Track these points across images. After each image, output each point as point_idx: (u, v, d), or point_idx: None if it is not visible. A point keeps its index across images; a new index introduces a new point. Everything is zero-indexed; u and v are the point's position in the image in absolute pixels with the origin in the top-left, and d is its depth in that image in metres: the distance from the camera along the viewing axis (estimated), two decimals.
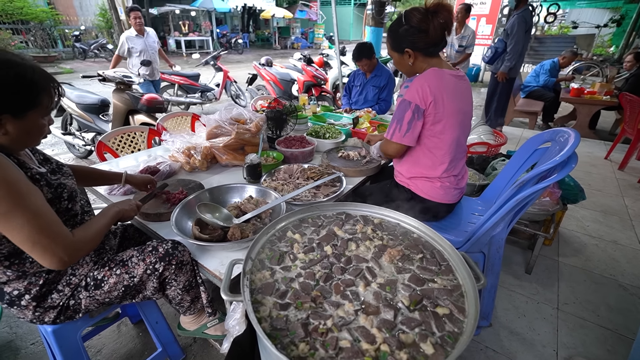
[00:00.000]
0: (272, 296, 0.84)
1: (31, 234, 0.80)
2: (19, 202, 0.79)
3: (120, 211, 1.07)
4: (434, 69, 1.36)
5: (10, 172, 0.81)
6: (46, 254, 0.82)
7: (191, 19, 16.37)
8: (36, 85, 0.86)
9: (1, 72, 0.80)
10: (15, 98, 0.83)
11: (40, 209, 0.83)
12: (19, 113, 0.85)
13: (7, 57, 0.83)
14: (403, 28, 1.34)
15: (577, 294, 1.92)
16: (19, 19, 11.20)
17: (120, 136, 2.31)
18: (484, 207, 1.72)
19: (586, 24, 13.39)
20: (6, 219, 0.78)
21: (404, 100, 1.37)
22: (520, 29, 3.87)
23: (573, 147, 1.09)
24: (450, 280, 0.91)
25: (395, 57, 1.44)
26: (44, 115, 0.92)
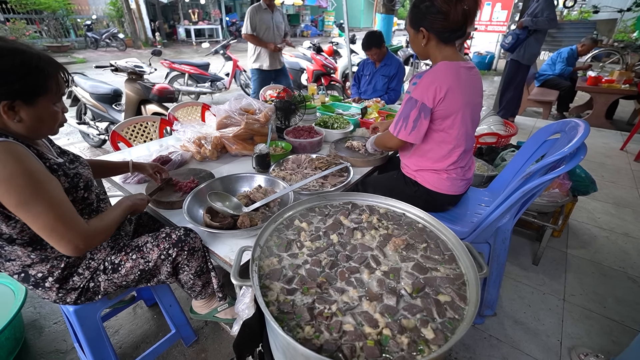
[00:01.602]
0: (280, 282, 0.88)
1: (49, 221, 0.84)
2: (38, 191, 0.83)
3: (132, 205, 1.12)
4: (444, 64, 1.32)
5: (30, 161, 0.85)
6: (62, 241, 0.87)
7: (200, 7, 16.26)
8: (43, 71, 0.89)
9: (7, 59, 0.83)
10: (23, 84, 0.86)
11: (57, 198, 0.87)
12: (29, 99, 0.88)
13: (13, 45, 0.86)
14: (425, 5, 1.28)
15: (584, 285, 1.92)
16: (33, 9, 11.32)
17: (133, 126, 2.36)
18: (490, 198, 1.72)
19: (608, 8, 12.76)
20: (27, 208, 0.82)
21: (410, 98, 1.35)
22: (553, 10, 3.81)
23: (582, 138, 1.08)
24: (453, 269, 0.93)
25: (411, 33, 1.40)
26: (55, 101, 0.95)
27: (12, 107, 0.87)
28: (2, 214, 0.87)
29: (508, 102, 4.50)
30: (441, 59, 1.36)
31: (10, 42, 0.87)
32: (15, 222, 0.90)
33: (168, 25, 15.74)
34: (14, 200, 0.81)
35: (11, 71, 0.84)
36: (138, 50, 12.50)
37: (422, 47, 1.38)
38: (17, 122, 0.89)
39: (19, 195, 0.81)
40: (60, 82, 0.95)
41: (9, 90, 0.85)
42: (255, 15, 3.65)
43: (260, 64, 3.90)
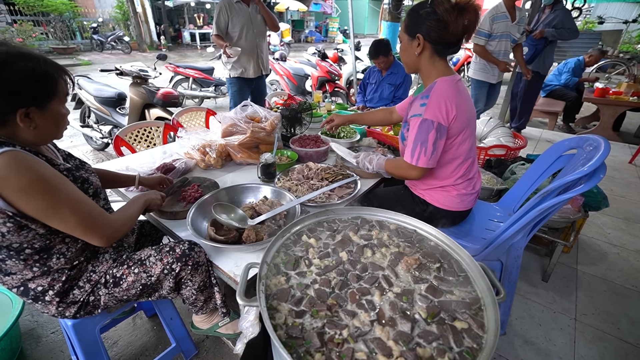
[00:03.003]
0: (288, 303, 0.84)
1: (80, 220, 0.89)
2: (60, 194, 0.85)
3: (148, 199, 1.17)
4: (443, 80, 1.28)
5: (43, 168, 0.85)
6: (96, 234, 0.92)
7: (206, 11, 16.40)
8: (51, 75, 0.89)
9: (19, 64, 0.83)
10: (37, 89, 0.87)
11: (79, 196, 0.90)
12: (43, 104, 0.89)
13: (19, 50, 0.85)
14: (425, 10, 1.21)
15: (596, 304, 1.86)
16: (40, 11, 11.43)
17: (136, 130, 2.34)
18: (502, 214, 1.67)
19: (613, 19, 12.79)
20: (54, 211, 0.85)
21: (425, 120, 1.24)
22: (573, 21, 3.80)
23: (602, 158, 1.05)
24: (469, 292, 0.88)
25: (405, 40, 1.31)
26: (63, 103, 0.96)
27: (27, 115, 0.86)
28: (16, 224, 0.85)
29: (521, 113, 4.43)
30: (435, 73, 1.31)
31: (13, 47, 0.85)
32: (28, 231, 0.88)
33: (173, 29, 15.87)
34: (42, 205, 0.83)
35: (25, 78, 0.83)
36: (143, 54, 12.59)
37: (413, 57, 1.30)
38: (32, 129, 0.88)
39: (44, 201, 0.83)
40: (66, 83, 0.96)
41: (25, 98, 0.84)
42: (226, 10, 3.00)
43: (242, 71, 3.26)
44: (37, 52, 0.89)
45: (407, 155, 1.32)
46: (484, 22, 3.36)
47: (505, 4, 3.33)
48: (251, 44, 3.17)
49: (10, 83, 0.81)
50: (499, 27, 3.37)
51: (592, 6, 14.50)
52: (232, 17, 3.02)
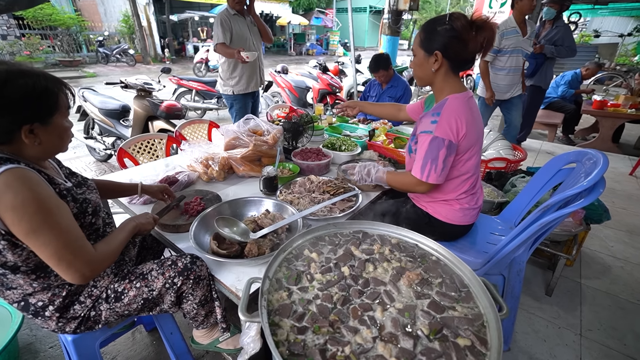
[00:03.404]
0: (290, 319, 0.83)
1: (57, 249, 0.83)
2: (48, 219, 0.82)
3: (137, 225, 1.10)
4: (455, 97, 1.28)
5: (42, 188, 0.84)
6: (70, 270, 0.86)
7: (209, 25, 16.75)
8: (51, 90, 0.90)
9: (19, 81, 0.83)
10: (39, 106, 0.87)
11: (67, 225, 0.86)
12: (46, 119, 0.89)
13: (18, 67, 0.86)
14: (443, 27, 1.19)
15: (601, 319, 1.84)
16: (48, 25, 11.70)
17: (140, 143, 2.37)
18: (503, 227, 1.67)
19: (609, 33, 13.02)
20: (35, 236, 0.81)
21: (436, 137, 1.25)
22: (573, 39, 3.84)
23: (601, 172, 1.06)
24: (471, 308, 0.88)
25: (420, 56, 1.30)
26: (66, 116, 0.96)
27: (32, 131, 0.87)
28: (10, 242, 0.85)
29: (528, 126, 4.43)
30: (448, 89, 1.32)
31: (12, 65, 0.86)
32: (21, 250, 0.88)
33: (177, 42, 16.17)
34: (25, 228, 0.80)
35: (26, 95, 0.84)
36: (147, 66, 12.80)
37: (429, 72, 1.30)
38: (37, 144, 0.89)
39: (30, 223, 0.80)
40: (67, 97, 0.96)
41: (28, 115, 0.85)
42: (227, 21, 2.91)
43: (246, 87, 3.17)
44: (36, 69, 0.91)
45: (416, 170, 1.32)
46: None
47: (515, 19, 3.24)
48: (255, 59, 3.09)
49: (12, 101, 0.82)
50: (510, 43, 3.26)
51: (587, 20, 14.78)
52: (232, 29, 2.94)
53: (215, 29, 2.92)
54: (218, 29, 2.88)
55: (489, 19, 1.19)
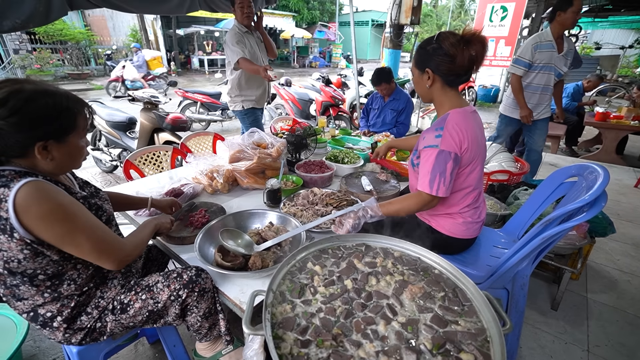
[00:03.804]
0: (293, 332, 0.84)
1: (95, 245, 0.93)
2: (77, 220, 0.89)
3: (158, 224, 1.22)
4: (456, 112, 1.31)
5: (62, 196, 0.89)
6: (110, 258, 0.97)
7: (214, 38, 17.13)
8: (71, 110, 0.94)
9: (41, 101, 0.88)
10: (56, 124, 0.91)
11: (94, 223, 0.94)
12: (61, 138, 0.93)
13: (44, 87, 0.91)
14: (431, 46, 1.28)
15: (609, 335, 1.81)
16: (59, 40, 12.03)
17: (145, 155, 2.41)
18: (507, 240, 1.67)
19: (610, 45, 13.13)
20: (71, 237, 0.88)
21: (442, 151, 1.26)
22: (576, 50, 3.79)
23: (602, 186, 1.07)
24: (474, 322, 0.88)
25: (416, 74, 1.39)
26: (82, 136, 1.00)
27: (45, 147, 0.90)
28: (33, 250, 0.88)
29: None
30: (448, 104, 1.35)
31: (39, 84, 0.91)
32: (42, 257, 0.92)
33: (183, 55, 16.53)
34: (58, 233, 0.87)
35: (45, 114, 0.88)
36: None
37: (426, 89, 1.37)
38: (49, 160, 0.92)
39: (62, 228, 0.87)
40: (86, 118, 1.00)
41: (44, 132, 0.89)
42: (242, 38, 2.83)
43: (256, 103, 3.12)
44: (62, 90, 0.95)
45: (423, 185, 1.30)
46: (524, 50, 2.92)
47: (552, 32, 2.85)
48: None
49: (32, 118, 0.86)
50: (542, 57, 2.88)
51: (588, 32, 14.93)
52: (246, 46, 2.85)
53: (231, 46, 2.77)
54: (235, 46, 2.75)
55: (477, 32, 1.23)
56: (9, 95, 0.85)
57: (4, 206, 0.83)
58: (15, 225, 0.83)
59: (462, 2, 30.58)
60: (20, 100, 0.85)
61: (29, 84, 0.90)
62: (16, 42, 11.11)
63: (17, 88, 0.86)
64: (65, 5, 2.36)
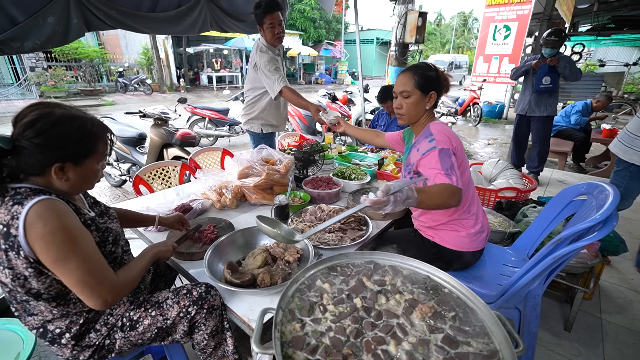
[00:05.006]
0: (303, 351, 0.83)
1: (82, 276, 0.88)
2: (74, 247, 0.87)
3: (157, 252, 1.16)
4: (435, 122, 1.50)
5: (70, 219, 0.89)
6: (93, 295, 0.90)
7: (223, 56, 17.61)
8: (95, 135, 0.97)
9: (67, 125, 0.91)
10: (77, 148, 0.94)
11: (91, 253, 0.91)
12: (79, 160, 0.95)
13: (72, 112, 0.95)
14: (434, 73, 1.46)
15: (625, 358, 1.75)
16: (73, 58, 12.47)
17: (155, 170, 2.45)
18: (516, 258, 1.65)
19: (614, 62, 13.22)
20: (63, 263, 0.86)
21: (442, 149, 1.34)
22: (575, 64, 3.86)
23: (612, 206, 1.06)
24: (486, 344, 0.87)
25: (417, 96, 1.46)
26: (99, 161, 1.02)
27: (62, 168, 0.93)
28: (36, 269, 0.89)
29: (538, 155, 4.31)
30: (429, 121, 1.52)
31: (68, 109, 0.95)
32: (45, 277, 0.91)
33: (192, 73, 16.98)
34: (52, 256, 0.85)
35: (69, 137, 0.91)
36: (163, 95, 13.38)
37: (423, 110, 1.50)
38: (64, 181, 0.94)
39: (57, 252, 0.85)
40: (107, 144, 1.02)
41: (65, 154, 0.92)
42: (278, 62, 2.53)
43: (278, 126, 2.90)
44: (89, 115, 0.98)
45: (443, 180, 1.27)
46: None
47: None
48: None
49: (55, 141, 0.89)
50: None
51: (591, 50, 15.06)
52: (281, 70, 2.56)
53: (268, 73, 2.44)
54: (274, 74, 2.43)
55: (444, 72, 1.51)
56: (38, 118, 0.88)
57: (15, 223, 0.84)
58: (22, 242, 0.84)
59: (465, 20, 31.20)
60: (48, 123, 0.88)
61: (59, 108, 0.94)
62: (33, 60, 11.54)
63: (47, 112, 0.90)
64: (83, 27, 2.46)
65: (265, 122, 2.80)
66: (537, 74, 3.88)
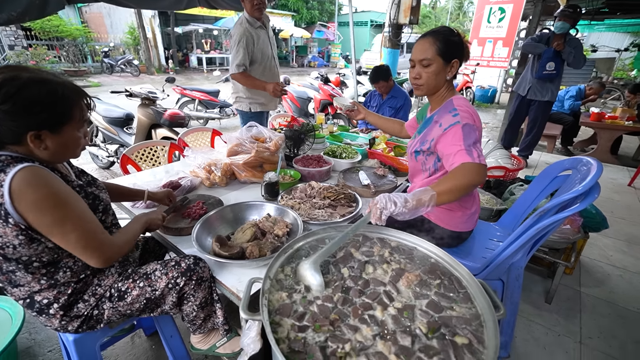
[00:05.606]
0: (290, 318, 0.85)
1: (82, 236, 0.90)
2: (69, 210, 0.87)
3: (149, 220, 1.18)
4: (458, 97, 1.38)
5: (58, 184, 0.88)
6: (95, 254, 0.93)
7: (213, 37, 17.09)
8: (68, 99, 0.91)
9: (35, 89, 0.86)
10: (50, 114, 0.89)
11: (86, 215, 0.92)
12: (55, 128, 0.91)
13: (41, 75, 0.89)
14: (457, 38, 1.32)
15: (601, 327, 1.83)
16: (55, 36, 11.94)
17: (142, 150, 2.41)
18: (502, 233, 1.69)
19: (605, 48, 13.27)
20: (59, 227, 0.87)
21: (466, 124, 1.24)
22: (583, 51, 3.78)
23: (595, 177, 1.08)
24: (469, 308, 0.90)
25: (439, 64, 1.32)
26: (79, 128, 0.97)
27: (38, 136, 0.89)
28: (28, 237, 0.88)
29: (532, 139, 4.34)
30: (450, 93, 1.42)
31: (36, 72, 0.89)
32: (38, 244, 0.91)
33: (181, 54, 16.48)
34: (48, 221, 0.85)
35: (38, 101, 0.86)
36: (151, 76, 12.99)
37: (443, 79, 1.37)
38: (43, 149, 0.91)
39: (53, 216, 0.85)
40: (83, 109, 0.97)
41: (37, 121, 0.87)
42: (250, 38, 2.49)
43: (266, 104, 2.84)
44: (61, 78, 0.93)
45: (463, 157, 1.17)
46: None
47: None
48: (274, 73, 2.76)
49: (24, 106, 0.84)
50: None
51: (584, 35, 15.06)
52: (255, 46, 2.54)
53: (235, 47, 2.47)
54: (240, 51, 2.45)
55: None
56: (3, 82, 0.83)
57: (0, 191, 0.82)
58: (10, 210, 0.82)
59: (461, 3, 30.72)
60: (14, 87, 0.83)
61: (26, 71, 0.88)
62: (11, 38, 11.02)
63: (13, 75, 0.85)
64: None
65: (253, 100, 2.75)
66: (542, 59, 3.77)
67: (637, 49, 12.74)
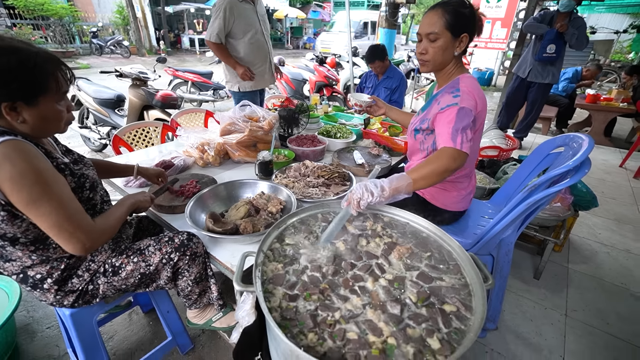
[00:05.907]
0: (282, 287, 0.86)
1: (58, 220, 0.85)
2: (47, 190, 0.83)
3: (135, 202, 1.13)
4: (467, 76, 1.31)
5: (39, 160, 0.85)
6: (71, 240, 0.87)
7: (205, 17, 16.55)
8: (42, 69, 0.86)
9: (4, 58, 0.81)
10: (21, 84, 0.84)
11: (66, 197, 0.87)
12: (30, 99, 0.86)
13: (10, 43, 0.84)
14: (469, 10, 1.22)
15: (586, 301, 1.90)
16: (40, 15, 11.49)
17: (135, 130, 2.37)
18: (494, 211, 1.71)
19: (604, 30, 13.11)
20: (36, 206, 0.82)
21: (463, 108, 1.20)
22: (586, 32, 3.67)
23: (587, 152, 1.09)
24: (458, 279, 0.92)
25: (447, 39, 1.24)
26: (57, 100, 0.92)
27: (14, 108, 0.85)
28: (10, 212, 0.86)
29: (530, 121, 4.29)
30: (459, 70, 1.34)
31: (7, 40, 0.84)
32: (21, 221, 0.89)
33: (173, 35, 15.99)
34: (25, 198, 0.81)
35: (8, 71, 0.81)
36: (142, 58, 12.65)
37: (451, 56, 1.29)
38: (20, 122, 0.87)
39: (30, 194, 0.81)
40: (60, 80, 0.91)
41: (8, 91, 0.83)
42: (231, 10, 2.46)
43: (255, 85, 2.81)
44: (36, 47, 0.88)
45: (445, 141, 1.17)
46: None
47: None
48: (264, 50, 2.74)
49: None
50: None
51: (584, 16, 14.82)
52: (237, 19, 2.53)
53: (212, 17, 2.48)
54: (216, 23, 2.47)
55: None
56: None
57: None
58: None
59: None
60: None
61: None
62: None
63: None
64: None
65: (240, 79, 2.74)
66: (543, 40, 3.66)
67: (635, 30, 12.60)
